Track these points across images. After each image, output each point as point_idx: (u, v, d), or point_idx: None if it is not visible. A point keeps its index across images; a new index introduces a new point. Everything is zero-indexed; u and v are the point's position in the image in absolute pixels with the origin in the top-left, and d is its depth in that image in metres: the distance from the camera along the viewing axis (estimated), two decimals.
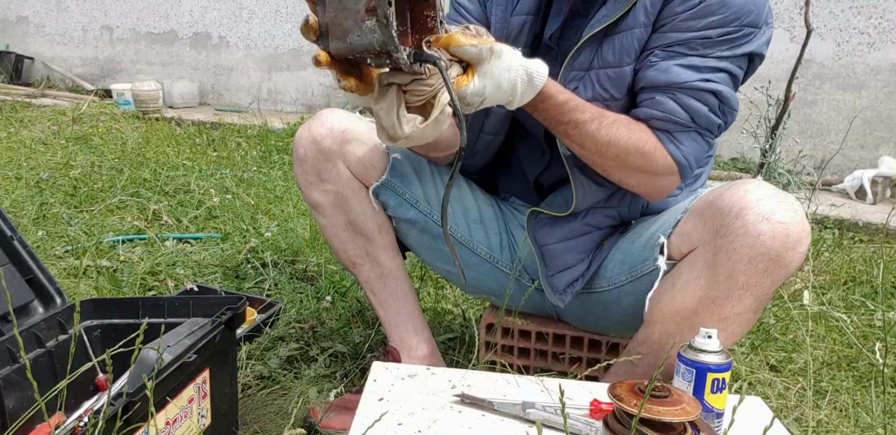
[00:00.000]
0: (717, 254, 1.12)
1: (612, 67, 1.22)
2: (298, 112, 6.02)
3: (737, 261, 1.09)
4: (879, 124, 4.11)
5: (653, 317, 1.25)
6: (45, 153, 3.75)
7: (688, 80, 1.17)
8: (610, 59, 1.22)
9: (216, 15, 6.35)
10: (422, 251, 1.53)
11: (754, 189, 1.10)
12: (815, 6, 3.97)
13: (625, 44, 1.20)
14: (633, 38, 1.20)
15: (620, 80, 1.22)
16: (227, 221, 2.76)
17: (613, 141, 1.16)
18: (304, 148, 1.39)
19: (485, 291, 1.56)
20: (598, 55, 1.23)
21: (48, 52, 7.22)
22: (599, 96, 1.24)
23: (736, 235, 1.08)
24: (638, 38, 1.20)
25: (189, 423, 1.15)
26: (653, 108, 1.19)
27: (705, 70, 1.17)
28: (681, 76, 1.17)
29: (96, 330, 1.35)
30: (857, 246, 2.77)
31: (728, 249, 1.10)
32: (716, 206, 1.13)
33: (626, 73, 1.22)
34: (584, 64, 1.24)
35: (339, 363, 1.70)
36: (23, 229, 2.47)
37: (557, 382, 1.27)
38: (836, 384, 1.66)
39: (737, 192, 1.11)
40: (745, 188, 1.11)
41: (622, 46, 1.21)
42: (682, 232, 1.20)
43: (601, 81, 1.23)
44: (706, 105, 1.18)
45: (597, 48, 1.23)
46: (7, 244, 1.34)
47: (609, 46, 1.22)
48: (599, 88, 1.24)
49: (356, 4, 0.88)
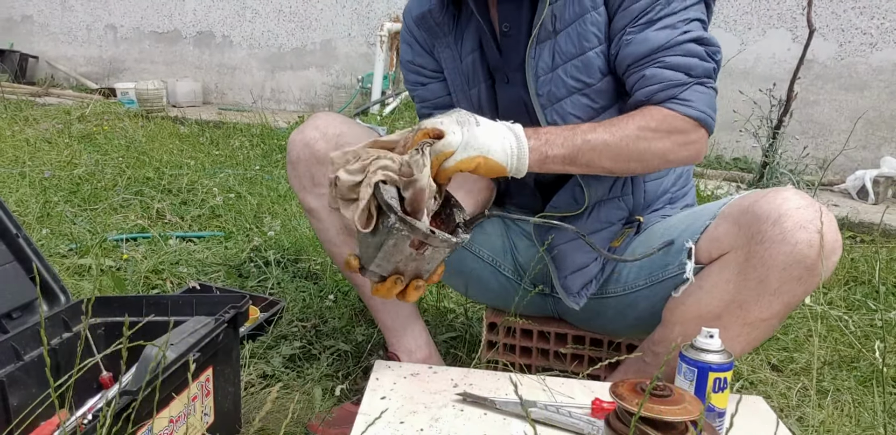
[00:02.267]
0: (749, 259, 1.12)
1: (575, 58, 1.23)
2: (301, 111, 6.03)
3: (771, 267, 1.10)
4: (881, 124, 4.10)
5: (674, 318, 1.25)
6: (49, 151, 3.75)
7: (669, 40, 1.17)
8: (571, 50, 1.23)
9: (220, 14, 6.35)
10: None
11: (792, 197, 1.10)
12: (817, 6, 3.97)
13: (580, 31, 1.22)
14: (587, 22, 1.21)
15: (588, 65, 1.23)
16: (231, 219, 2.76)
17: (624, 131, 1.15)
18: (297, 152, 1.38)
19: (488, 295, 1.56)
20: (558, 52, 1.24)
21: (52, 51, 7.24)
22: (574, 88, 1.25)
23: (773, 241, 1.08)
24: (591, 21, 1.21)
25: (192, 420, 1.16)
26: (648, 85, 1.18)
27: (679, 24, 1.18)
28: (660, 38, 1.17)
29: (100, 328, 1.35)
30: (859, 246, 2.77)
31: (763, 256, 1.10)
32: (752, 213, 1.12)
33: (591, 57, 1.23)
34: (547, 65, 1.26)
35: (341, 362, 1.71)
36: (27, 227, 2.48)
37: (560, 381, 1.28)
38: (837, 384, 1.67)
39: (774, 200, 1.11)
40: (783, 196, 1.11)
41: (578, 34, 1.22)
42: (713, 237, 1.20)
43: (570, 73, 1.24)
44: (695, 56, 1.18)
45: (553, 46, 1.24)
46: (12, 242, 1.34)
47: (566, 39, 1.23)
48: (571, 80, 1.24)
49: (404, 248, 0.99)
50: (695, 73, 1.18)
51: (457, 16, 1.36)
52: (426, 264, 1.00)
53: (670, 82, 1.17)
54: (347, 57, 5.91)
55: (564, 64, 1.24)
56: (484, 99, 1.38)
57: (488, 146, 1.06)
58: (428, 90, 1.46)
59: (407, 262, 0.99)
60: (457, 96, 1.41)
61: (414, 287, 1.05)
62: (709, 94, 1.20)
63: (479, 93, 1.38)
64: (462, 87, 1.39)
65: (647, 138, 1.15)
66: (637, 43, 1.18)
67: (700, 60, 1.18)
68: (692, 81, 1.18)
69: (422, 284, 1.05)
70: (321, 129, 1.37)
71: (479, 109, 1.38)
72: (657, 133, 1.16)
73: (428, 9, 1.36)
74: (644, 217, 1.39)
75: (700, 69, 1.18)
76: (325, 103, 6.04)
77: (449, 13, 1.35)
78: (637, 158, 1.18)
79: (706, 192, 3.30)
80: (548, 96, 1.27)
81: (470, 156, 1.05)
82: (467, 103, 1.40)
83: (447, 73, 1.41)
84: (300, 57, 6.11)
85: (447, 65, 1.40)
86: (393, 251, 0.97)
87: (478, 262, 1.51)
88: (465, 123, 1.06)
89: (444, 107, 1.45)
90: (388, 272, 1.02)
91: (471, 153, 1.05)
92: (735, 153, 4.41)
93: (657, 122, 1.16)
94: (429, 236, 0.93)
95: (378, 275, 1.03)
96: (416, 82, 1.48)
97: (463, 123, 1.06)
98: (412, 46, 1.46)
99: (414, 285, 1.05)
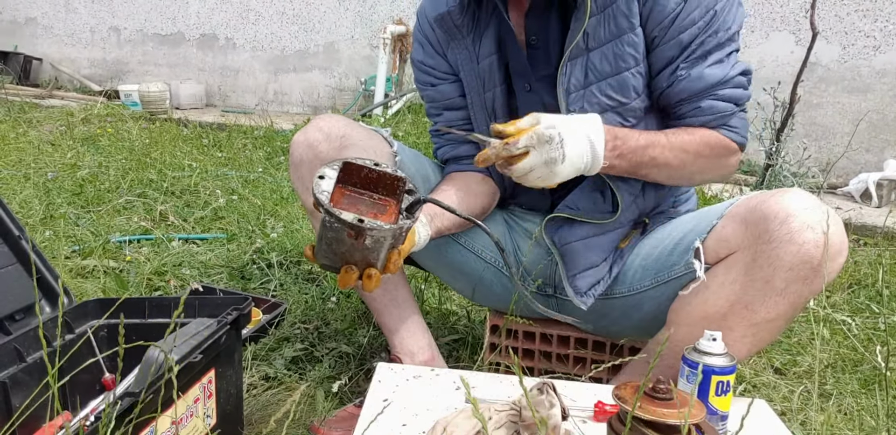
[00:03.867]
0: (756, 259, 1.12)
1: (610, 77, 1.25)
2: (304, 113, 6.03)
3: (778, 267, 1.10)
4: (885, 127, 4.10)
5: (679, 319, 1.25)
6: (53, 153, 3.76)
7: (723, 76, 1.23)
8: (606, 69, 1.25)
9: (223, 17, 6.37)
10: (425, 259, 1.53)
11: (800, 198, 1.11)
12: (820, 9, 3.96)
13: (616, 51, 1.24)
14: (624, 43, 1.23)
15: (623, 85, 1.25)
16: (233, 221, 2.77)
17: (686, 150, 1.25)
18: (299, 153, 1.38)
19: (492, 297, 1.56)
20: (592, 70, 1.26)
21: (56, 53, 7.26)
22: (607, 106, 1.26)
23: (780, 241, 1.09)
24: (629, 42, 1.23)
25: (195, 422, 1.16)
26: (703, 115, 1.26)
27: (726, 59, 1.24)
28: (716, 75, 1.23)
29: (103, 330, 1.35)
30: (863, 249, 2.77)
31: (770, 255, 1.10)
32: (760, 212, 1.13)
33: (626, 77, 1.25)
34: (580, 82, 1.27)
35: (344, 364, 1.71)
36: (31, 229, 2.48)
37: (562, 383, 1.27)
38: (840, 387, 1.66)
39: (782, 200, 1.11)
40: (790, 196, 1.12)
41: (615, 54, 1.24)
42: (720, 237, 1.20)
43: (604, 92, 1.26)
44: (741, 87, 1.26)
45: (585, 63, 1.25)
46: (15, 244, 1.34)
47: (601, 59, 1.25)
48: (605, 99, 1.26)
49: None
50: (741, 102, 1.27)
51: (477, 17, 1.36)
52: (372, 253, 1.01)
53: (724, 113, 1.25)
54: (350, 59, 5.91)
55: (598, 82, 1.26)
56: (499, 103, 1.39)
57: (558, 179, 1.17)
58: (437, 91, 1.47)
59: (352, 252, 1.00)
60: (471, 98, 1.41)
61: (366, 276, 1.05)
62: (746, 120, 1.30)
63: (494, 96, 1.39)
64: (477, 89, 1.39)
65: (701, 163, 1.27)
66: (693, 80, 1.24)
67: (744, 90, 1.26)
68: (738, 110, 1.27)
69: (374, 272, 1.04)
70: (325, 130, 1.37)
71: (492, 112, 1.39)
72: (709, 158, 1.27)
73: (447, 10, 1.36)
74: (650, 218, 1.39)
75: (744, 98, 1.27)
76: (328, 106, 6.04)
77: (469, 14, 1.35)
78: (688, 178, 1.32)
79: (710, 193, 3.30)
80: (580, 113, 1.27)
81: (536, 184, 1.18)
82: (481, 106, 1.40)
83: (463, 74, 1.41)
84: (303, 59, 6.12)
85: (463, 66, 1.40)
86: (333, 242, 0.99)
87: (480, 262, 1.51)
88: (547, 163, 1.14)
89: (453, 108, 1.46)
90: (337, 263, 1.03)
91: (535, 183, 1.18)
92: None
93: (711, 148, 1.26)
94: (355, 227, 0.94)
95: (329, 266, 1.05)
96: (427, 83, 1.48)
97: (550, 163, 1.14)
98: (424, 47, 1.46)
99: (366, 274, 1.05)
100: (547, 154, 1.12)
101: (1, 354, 1.17)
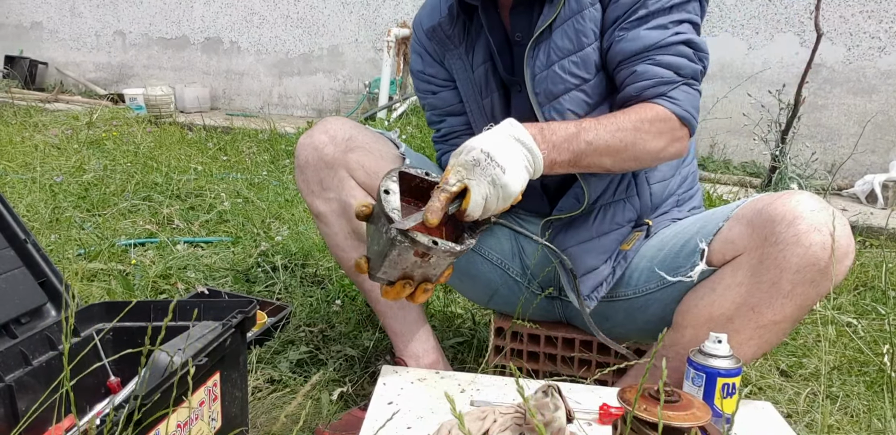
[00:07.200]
0: (763, 261, 1.12)
1: (573, 54, 1.25)
2: (309, 117, 6.04)
3: (785, 269, 1.09)
4: (890, 129, 4.09)
5: (685, 321, 1.25)
6: (58, 157, 3.77)
7: (660, 39, 1.19)
8: (568, 46, 1.24)
9: (227, 20, 6.38)
10: None
11: (807, 200, 1.11)
12: (825, 10, 3.96)
13: (577, 27, 1.23)
14: (585, 18, 1.23)
15: (586, 61, 1.25)
16: (238, 224, 2.77)
17: (621, 128, 1.17)
18: (305, 156, 1.37)
19: (497, 300, 1.56)
20: (555, 49, 1.25)
21: (62, 57, 7.29)
22: (572, 84, 1.26)
23: (787, 243, 1.08)
24: (590, 17, 1.23)
25: (200, 425, 1.16)
26: (639, 80, 1.21)
27: (670, 25, 1.20)
28: (652, 38, 1.19)
29: (108, 333, 1.36)
30: (869, 250, 2.76)
31: (777, 257, 1.10)
32: (766, 214, 1.12)
33: (589, 53, 1.24)
34: (543, 63, 1.27)
35: (349, 367, 1.71)
36: (36, 233, 2.49)
37: (567, 386, 1.27)
38: (846, 389, 1.66)
39: (789, 202, 1.11)
40: (797, 199, 1.11)
41: (576, 30, 1.23)
42: (726, 239, 1.20)
43: (568, 69, 1.25)
44: (684, 57, 1.20)
45: (548, 44, 1.25)
46: (21, 247, 1.35)
47: (561, 36, 1.24)
48: (569, 76, 1.25)
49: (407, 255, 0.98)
50: (683, 72, 1.21)
51: (467, 27, 1.37)
52: (433, 270, 1.01)
53: (661, 79, 1.20)
54: (355, 62, 5.92)
55: (560, 60, 1.25)
56: (498, 109, 1.39)
57: (515, 190, 1.04)
58: (439, 99, 1.47)
59: (413, 268, 1.00)
60: (469, 105, 1.42)
61: (423, 290, 1.05)
62: (694, 96, 1.23)
63: (493, 102, 1.39)
64: (475, 96, 1.40)
65: (643, 138, 1.18)
66: (629, 40, 1.20)
67: (689, 61, 1.21)
68: (681, 81, 1.21)
69: (430, 286, 1.05)
70: (330, 133, 1.37)
71: (492, 118, 1.38)
72: (650, 133, 1.18)
73: (438, 22, 1.37)
74: (653, 220, 1.39)
75: (688, 69, 1.21)
76: (333, 109, 6.05)
77: (459, 25, 1.36)
78: (633, 157, 1.20)
79: (715, 194, 3.30)
80: (545, 94, 1.27)
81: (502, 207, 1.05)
82: (480, 112, 1.41)
83: (459, 83, 1.42)
84: (307, 62, 6.13)
85: (458, 75, 1.41)
86: (398, 260, 0.98)
87: (486, 264, 1.51)
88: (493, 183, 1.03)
89: (454, 114, 1.46)
90: (395, 278, 1.02)
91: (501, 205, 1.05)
92: (743, 158, 4.40)
93: (650, 121, 1.18)
94: (431, 248, 0.94)
95: (386, 281, 1.04)
96: (427, 91, 1.49)
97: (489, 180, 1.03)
98: (422, 57, 1.47)
99: (423, 288, 1.05)
100: (485, 175, 1.01)
101: (7, 357, 1.17)
